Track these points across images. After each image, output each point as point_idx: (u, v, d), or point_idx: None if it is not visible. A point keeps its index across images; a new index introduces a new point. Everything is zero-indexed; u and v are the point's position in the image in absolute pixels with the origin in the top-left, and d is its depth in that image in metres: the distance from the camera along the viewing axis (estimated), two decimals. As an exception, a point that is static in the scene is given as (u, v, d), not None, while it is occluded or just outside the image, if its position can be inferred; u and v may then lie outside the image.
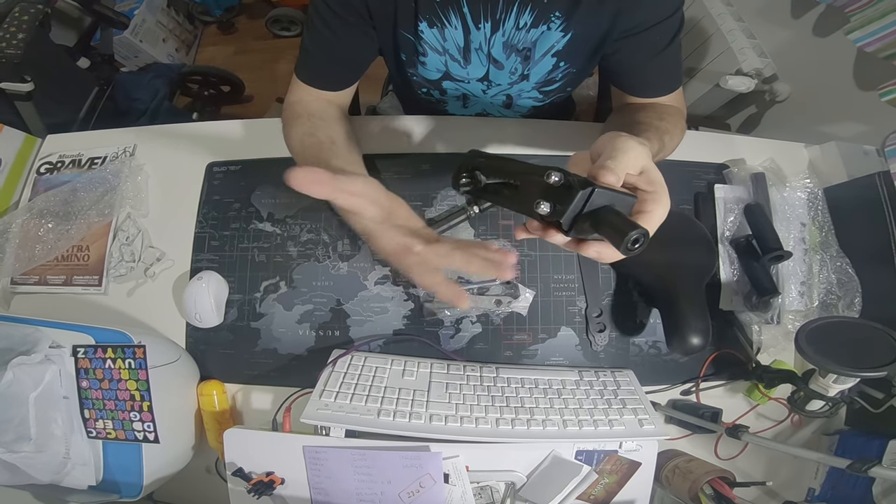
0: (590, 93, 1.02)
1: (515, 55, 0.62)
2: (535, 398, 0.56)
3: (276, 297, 0.66)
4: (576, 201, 0.32)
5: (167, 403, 0.56)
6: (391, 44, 0.63)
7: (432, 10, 0.57)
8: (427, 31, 0.59)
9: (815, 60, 1.12)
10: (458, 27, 0.59)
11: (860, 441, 0.61)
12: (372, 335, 0.64)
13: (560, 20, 0.56)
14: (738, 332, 0.65)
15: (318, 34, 0.59)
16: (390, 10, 0.57)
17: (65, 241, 0.69)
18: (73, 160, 0.75)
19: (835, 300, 0.66)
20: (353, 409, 0.52)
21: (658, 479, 0.58)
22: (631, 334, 0.65)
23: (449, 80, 0.69)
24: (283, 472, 0.52)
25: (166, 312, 0.67)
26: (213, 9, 2.03)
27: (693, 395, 0.64)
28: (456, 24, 0.58)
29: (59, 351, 0.54)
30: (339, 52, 0.61)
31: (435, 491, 0.50)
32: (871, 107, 0.94)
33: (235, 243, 0.68)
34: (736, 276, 0.66)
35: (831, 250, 0.67)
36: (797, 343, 0.51)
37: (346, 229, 0.68)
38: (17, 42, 1.09)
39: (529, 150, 0.72)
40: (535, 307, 0.65)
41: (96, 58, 1.53)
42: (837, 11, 0.96)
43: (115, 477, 0.55)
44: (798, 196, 0.70)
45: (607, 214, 0.33)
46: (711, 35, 1.28)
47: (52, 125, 1.05)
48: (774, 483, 0.57)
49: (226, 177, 0.72)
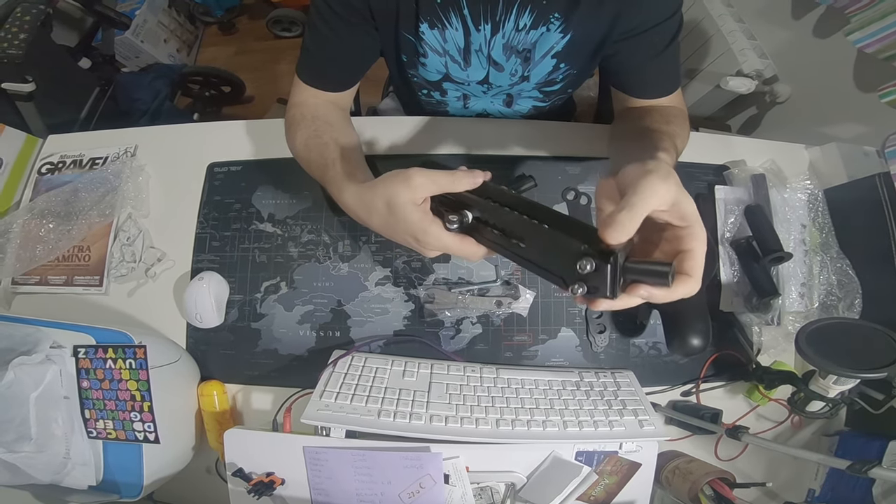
0: (590, 94, 1.02)
1: (515, 57, 0.62)
2: (536, 399, 0.56)
3: (276, 297, 0.66)
4: (609, 281, 0.33)
5: (168, 404, 0.56)
6: (392, 44, 0.63)
7: (433, 12, 0.57)
8: (428, 32, 0.59)
9: (816, 62, 1.12)
10: (459, 28, 0.59)
11: (860, 442, 0.61)
12: (372, 336, 0.64)
13: (559, 21, 0.57)
14: (738, 334, 0.65)
15: (320, 34, 0.59)
16: (392, 11, 0.58)
17: (66, 241, 0.69)
18: (74, 160, 0.75)
19: (835, 301, 0.66)
20: (354, 410, 0.52)
21: (658, 480, 0.58)
22: (631, 335, 0.65)
23: (449, 81, 0.69)
24: (283, 473, 0.52)
25: (167, 313, 0.67)
26: (214, 9, 2.04)
27: (693, 396, 0.64)
28: (456, 25, 0.59)
29: (60, 351, 0.54)
30: (341, 52, 0.61)
31: (435, 491, 0.50)
32: (871, 108, 0.94)
33: (236, 244, 0.68)
34: (736, 278, 0.66)
35: (831, 251, 0.67)
36: (797, 344, 0.51)
37: (347, 230, 0.68)
38: (18, 42, 1.09)
39: (530, 150, 0.72)
40: (535, 308, 0.65)
41: (98, 58, 1.54)
42: (838, 12, 0.96)
43: (115, 477, 0.55)
44: (798, 197, 0.70)
45: (634, 265, 0.33)
46: (712, 36, 1.28)
47: (53, 125, 1.06)
48: (774, 484, 0.57)
49: (227, 177, 0.72)
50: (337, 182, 0.52)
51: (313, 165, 0.57)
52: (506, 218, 0.38)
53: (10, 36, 1.09)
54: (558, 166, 0.71)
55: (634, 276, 0.33)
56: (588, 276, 0.33)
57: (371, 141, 0.73)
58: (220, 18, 2.06)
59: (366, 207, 0.47)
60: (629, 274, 0.33)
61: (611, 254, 0.32)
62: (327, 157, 0.55)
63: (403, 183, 0.42)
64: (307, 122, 0.59)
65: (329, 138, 0.57)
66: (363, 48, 0.62)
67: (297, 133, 0.59)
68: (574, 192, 0.69)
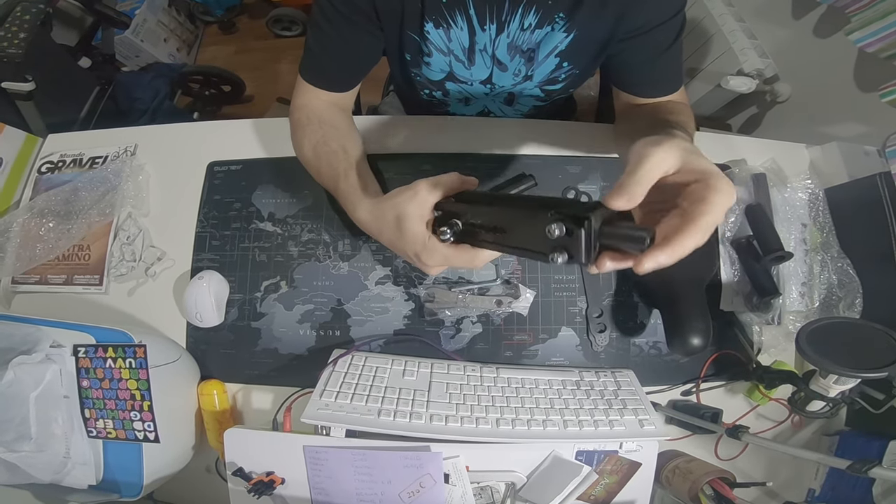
0: (591, 93, 1.02)
1: (520, 56, 0.62)
2: (536, 398, 0.56)
3: (276, 296, 0.66)
4: (584, 243, 0.31)
5: (167, 403, 0.56)
6: (396, 44, 0.63)
7: (439, 11, 0.57)
8: (433, 31, 0.59)
9: (816, 61, 1.12)
10: (464, 28, 0.59)
11: (860, 442, 0.61)
12: (372, 335, 0.64)
13: (563, 21, 0.57)
14: (738, 333, 0.65)
15: (323, 34, 0.59)
16: (397, 11, 0.58)
17: (66, 240, 0.69)
18: (74, 160, 0.75)
19: (836, 301, 0.65)
20: (354, 409, 0.52)
21: (658, 480, 0.58)
22: (631, 335, 0.65)
23: (452, 81, 0.69)
24: (283, 472, 0.52)
25: (167, 312, 0.67)
26: (214, 8, 2.03)
27: (693, 395, 0.64)
28: (462, 25, 0.58)
29: (60, 350, 0.54)
30: (344, 52, 0.61)
31: (435, 491, 0.50)
32: (871, 107, 0.94)
33: (236, 243, 0.68)
34: (737, 277, 0.66)
35: (832, 251, 0.67)
36: (798, 344, 0.51)
37: (347, 229, 0.68)
38: (18, 42, 1.09)
39: (530, 149, 0.72)
40: (535, 307, 0.65)
41: (97, 57, 1.54)
42: (838, 12, 0.96)
43: (115, 476, 0.55)
44: (799, 197, 0.70)
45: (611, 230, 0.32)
46: (713, 35, 1.28)
47: (53, 125, 1.05)
48: (775, 483, 0.57)
49: (227, 176, 0.72)
50: (350, 197, 0.54)
51: (324, 175, 0.58)
52: (486, 213, 0.40)
53: (10, 35, 1.09)
54: (558, 166, 0.71)
55: (611, 241, 0.32)
56: (563, 242, 0.32)
57: (371, 140, 0.73)
58: (220, 18, 2.06)
59: (377, 223, 0.50)
60: (605, 239, 0.32)
61: (585, 218, 0.31)
62: (338, 168, 0.56)
63: (412, 197, 0.44)
64: (314, 127, 0.60)
65: (337, 146, 0.58)
66: (366, 48, 0.62)
67: (304, 138, 0.60)
68: (574, 192, 0.69)
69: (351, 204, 0.54)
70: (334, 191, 0.57)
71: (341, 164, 0.56)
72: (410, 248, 0.45)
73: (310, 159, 0.59)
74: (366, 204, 0.52)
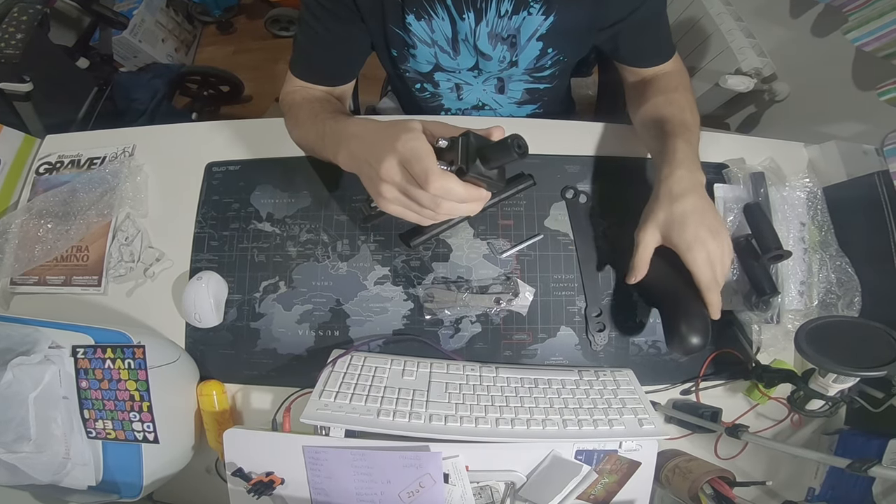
0: (589, 92, 1.02)
1: (501, 44, 0.64)
2: (535, 398, 0.56)
3: (275, 297, 0.66)
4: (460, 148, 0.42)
5: (167, 403, 0.56)
6: (382, 40, 0.64)
7: (418, 3, 0.58)
8: (415, 23, 0.60)
9: (814, 60, 1.12)
10: (445, 18, 0.60)
11: (860, 440, 0.61)
12: (371, 335, 0.64)
13: (539, 3, 0.58)
14: (737, 332, 0.65)
15: (310, 30, 0.60)
16: (377, 5, 0.59)
17: (64, 241, 0.69)
18: (72, 160, 0.75)
19: (834, 299, 0.66)
20: (353, 409, 0.52)
21: (658, 479, 0.58)
22: (630, 334, 0.65)
23: (440, 71, 0.70)
24: (282, 472, 0.52)
25: (166, 313, 0.67)
26: (212, 9, 2.03)
27: (693, 394, 0.64)
28: (442, 14, 0.60)
29: (59, 351, 0.54)
30: (331, 47, 0.62)
31: (435, 491, 0.50)
32: (870, 106, 0.94)
33: (235, 243, 0.68)
34: (735, 276, 0.66)
35: (831, 250, 0.67)
36: (797, 342, 0.51)
37: (346, 229, 0.68)
38: (15, 42, 1.08)
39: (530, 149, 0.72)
40: (534, 307, 0.65)
41: (95, 58, 1.53)
42: (836, 11, 0.96)
43: (114, 477, 0.55)
44: (797, 195, 0.70)
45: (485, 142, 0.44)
46: (710, 34, 1.28)
47: (51, 125, 1.06)
48: (774, 483, 0.57)
49: (225, 177, 0.72)
50: (340, 124, 0.52)
51: (311, 135, 0.58)
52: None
53: (7, 36, 1.09)
54: (557, 165, 0.71)
55: (487, 152, 0.43)
56: (447, 151, 0.43)
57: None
58: (219, 18, 2.06)
59: (372, 125, 0.47)
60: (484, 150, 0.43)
61: (462, 135, 0.43)
62: (326, 119, 0.55)
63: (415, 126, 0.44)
64: (306, 104, 0.61)
65: (329, 113, 0.58)
66: (353, 42, 0.63)
67: (297, 114, 0.61)
68: (573, 191, 0.69)
69: (343, 127, 0.50)
70: (322, 137, 0.53)
71: (326, 117, 0.55)
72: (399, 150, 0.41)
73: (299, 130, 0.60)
74: (358, 119, 0.50)
